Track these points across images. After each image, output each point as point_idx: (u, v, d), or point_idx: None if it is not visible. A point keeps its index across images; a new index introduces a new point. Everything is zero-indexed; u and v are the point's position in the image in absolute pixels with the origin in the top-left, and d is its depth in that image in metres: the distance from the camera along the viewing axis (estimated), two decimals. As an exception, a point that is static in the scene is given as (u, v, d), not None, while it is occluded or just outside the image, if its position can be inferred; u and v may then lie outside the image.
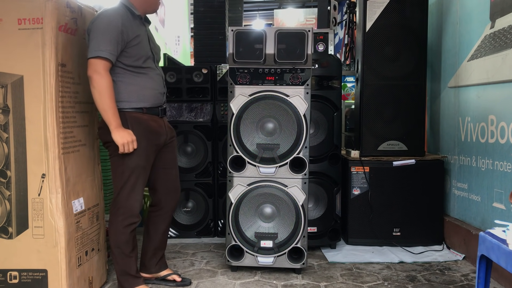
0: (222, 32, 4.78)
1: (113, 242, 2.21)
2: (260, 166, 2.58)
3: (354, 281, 2.52)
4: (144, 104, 2.21)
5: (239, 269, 2.67)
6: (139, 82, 2.19)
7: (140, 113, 2.19)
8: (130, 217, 2.19)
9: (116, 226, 2.19)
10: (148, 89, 2.22)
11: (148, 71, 2.24)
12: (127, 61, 2.14)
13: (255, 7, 10.07)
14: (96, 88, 2.03)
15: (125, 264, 2.22)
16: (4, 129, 1.98)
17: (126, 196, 2.17)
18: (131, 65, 2.16)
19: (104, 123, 2.10)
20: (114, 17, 2.09)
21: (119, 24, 2.08)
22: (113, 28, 2.06)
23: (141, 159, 2.18)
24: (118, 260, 2.22)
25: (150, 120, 2.23)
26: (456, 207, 3.11)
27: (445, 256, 2.92)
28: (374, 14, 3.12)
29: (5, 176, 1.99)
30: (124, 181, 2.16)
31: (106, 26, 2.05)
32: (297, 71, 2.58)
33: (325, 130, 3.02)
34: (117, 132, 2.07)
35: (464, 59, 2.99)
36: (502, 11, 2.56)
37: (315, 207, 3.05)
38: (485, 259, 1.69)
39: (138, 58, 2.18)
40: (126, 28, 2.11)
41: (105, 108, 2.05)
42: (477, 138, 2.83)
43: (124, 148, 2.08)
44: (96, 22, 2.07)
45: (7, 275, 2.00)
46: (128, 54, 2.14)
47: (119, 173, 2.17)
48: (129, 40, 2.12)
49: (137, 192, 2.19)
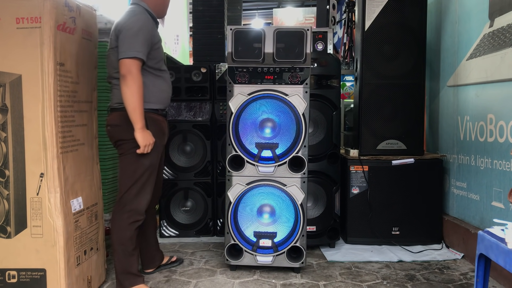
0: (221, 31, 4.77)
1: (117, 239, 2.21)
2: (259, 165, 2.58)
3: (353, 280, 2.53)
4: (160, 105, 2.29)
5: (238, 268, 2.67)
6: (158, 84, 2.27)
7: (156, 114, 2.27)
8: (137, 214, 2.21)
9: (121, 223, 2.20)
10: (164, 91, 2.32)
11: (164, 73, 2.33)
12: (150, 62, 2.20)
13: (254, 6, 10.06)
14: (129, 88, 2.07)
15: (127, 262, 2.22)
16: (2, 129, 1.97)
17: (135, 194, 2.20)
18: (152, 67, 2.22)
19: (121, 121, 2.15)
20: (145, 19, 2.17)
21: (149, 26, 2.17)
22: (145, 30, 2.13)
23: (155, 158, 2.25)
24: (120, 258, 2.22)
25: (162, 121, 2.31)
26: (455, 206, 3.11)
27: (444, 255, 2.92)
28: (373, 13, 3.12)
29: (3, 176, 1.99)
30: (135, 179, 2.19)
31: (140, 27, 2.11)
32: (296, 70, 2.58)
33: (324, 129, 3.02)
34: (142, 132, 2.12)
35: (463, 58, 2.99)
36: (501, 10, 2.56)
37: (314, 206, 3.05)
38: (484, 258, 1.69)
39: (159, 61, 2.26)
40: (153, 31, 2.19)
41: (135, 108, 2.09)
42: (476, 137, 2.83)
43: (144, 149, 2.13)
44: (128, 23, 2.12)
45: (5, 275, 1.99)
46: (152, 56, 2.19)
47: (131, 171, 2.19)
48: (154, 43, 2.19)
49: (147, 190, 2.24)
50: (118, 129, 2.19)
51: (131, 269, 2.23)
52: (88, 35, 2.26)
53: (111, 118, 2.24)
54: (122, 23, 2.14)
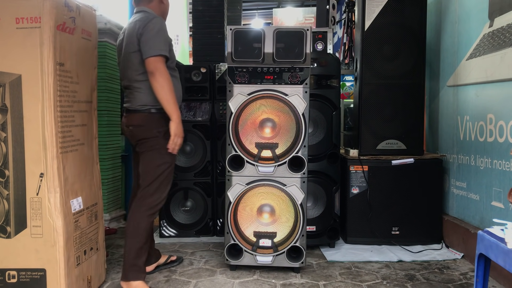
0: (221, 31, 4.76)
1: (132, 230, 2.29)
2: (259, 165, 2.58)
3: (353, 280, 2.53)
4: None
5: (238, 268, 2.67)
6: (175, 84, 2.35)
7: None
8: (154, 208, 2.33)
9: (138, 214, 2.30)
10: (178, 90, 2.44)
11: (177, 73, 2.45)
12: (168, 62, 2.30)
13: (254, 6, 10.05)
14: (159, 83, 2.20)
15: (136, 254, 2.28)
16: (2, 129, 1.97)
17: (155, 188, 2.31)
18: (169, 67, 2.32)
19: (144, 122, 2.29)
20: (162, 21, 2.32)
21: (166, 28, 2.32)
22: (164, 30, 2.29)
23: (174, 156, 2.38)
24: (131, 250, 2.28)
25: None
26: (455, 206, 3.11)
27: (444, 255, 2.92)
28: (372, 13, 3.12)
29: (3, 176, 1.99)
30: (158, 174, 2.30)
31: (159, 28, 2.25)
32: (296, 70, 2.58)
33: (324, 129, 3.02)
34: (178, 123, 2.27)
35: (463, 58, 2.99)
36: (501, 10, 2.56)
37: (314, 206, 3.05)
38: (484, 258, 1.69)
39: (173, 61, 2.39)
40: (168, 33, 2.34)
41: (169, 100, 2.22)
42: (475, 137, 2.83)
43: (176, 141, 2.27)
44: (150, 25, 2.24)
45: (5, 275, 1.99)
46: (169, 56, 2.31)
47: (155, 166, 2.31)
48: (170, 44, 2.34)
49: (167, 186, 2.36)
50: (141, 129, 2.31)
51: (139, 262, 2.30)
52: (88, 35, 2.26)
53: (133, 119, 2.33)
54: (142, 26, 2.25)
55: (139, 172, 2.37)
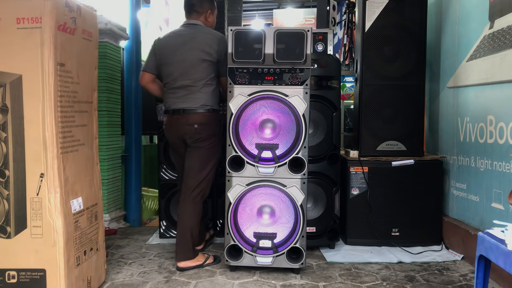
0: (221, 31, 4.77)
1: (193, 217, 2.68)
2: (259, 166, 2.58)
3: (353, 281, 2.52)
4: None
5: (238, 269, 2.66)
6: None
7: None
8: (205, 194, 2.76)
9: (197, 202, 2.70)
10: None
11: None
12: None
13: (254, 7, 10.05)
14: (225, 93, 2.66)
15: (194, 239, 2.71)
16: (2, 129, 1.97)
17: (208, 181, 2.73)
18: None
19: (208, 121, 2.64)
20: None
21: None
22: None
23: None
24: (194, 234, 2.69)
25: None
26: (455, 207, 3.11)
27: (443, 256, 2.92)
28: (373, 14, 3.12)
29: (3, 176, 1.99)
30: (210, 169, 2.72)
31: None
32: (296, 71, 2.58)
33: (324, 130, 3.02)
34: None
35: (463, 60, 2.99)
36: (501, 12, 2.56)
37: (314, 207, 3.05)
38: (484, 259, 1.69)
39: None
40: None
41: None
42: (476, 139, 2.83)
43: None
44: (225, 45, 2.67)
45: (5, 275, 1.99)
46: None
47: (209, 161, 2.71)
48: None
49: (213, 177, 2.82)
50: (205, 127, 2.64)
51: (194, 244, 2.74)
52: (89, 35, 2.26)
53: (198, 118, 2.63)
54: (217, 43, 2.67)
55: (189, 166, 2.69)
